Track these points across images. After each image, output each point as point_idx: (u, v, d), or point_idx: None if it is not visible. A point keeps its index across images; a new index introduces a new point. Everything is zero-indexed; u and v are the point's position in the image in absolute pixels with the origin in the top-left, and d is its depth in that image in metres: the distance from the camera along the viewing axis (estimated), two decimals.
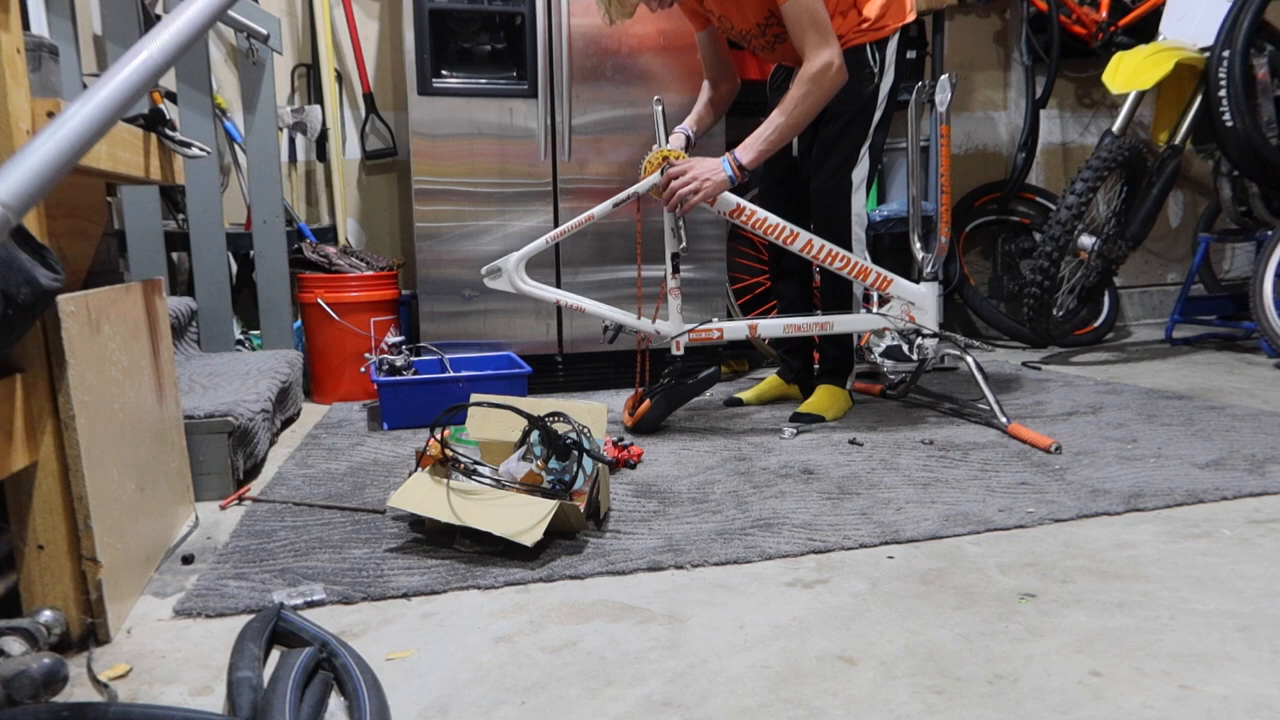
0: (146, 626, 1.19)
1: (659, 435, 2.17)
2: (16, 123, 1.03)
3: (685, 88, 2.68)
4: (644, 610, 1.21)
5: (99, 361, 1.17)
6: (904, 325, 2.25)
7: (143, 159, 1.38)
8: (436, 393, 2.32)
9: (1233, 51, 2.92)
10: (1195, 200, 4.22)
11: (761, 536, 1.46)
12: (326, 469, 1.91)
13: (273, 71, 2.65)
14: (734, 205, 2.15)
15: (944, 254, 2.31)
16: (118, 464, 1.21)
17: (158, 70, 0.90)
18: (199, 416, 1.72)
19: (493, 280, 2.17)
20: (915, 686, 1.00)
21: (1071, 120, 4.05)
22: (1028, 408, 2.37)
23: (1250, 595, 1.21)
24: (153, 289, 1.45)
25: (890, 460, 1.90)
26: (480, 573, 1.33)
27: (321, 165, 3.23)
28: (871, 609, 1.20)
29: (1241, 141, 2.96)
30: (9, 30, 1.03)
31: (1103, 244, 3.06)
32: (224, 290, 2.58)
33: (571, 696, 1.00)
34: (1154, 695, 0.97)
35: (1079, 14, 3.61)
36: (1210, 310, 3.62)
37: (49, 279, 0.96)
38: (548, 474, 1.51)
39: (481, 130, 2.59)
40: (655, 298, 2.77)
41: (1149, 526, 1.48)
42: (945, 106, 2.23)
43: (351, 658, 1.03)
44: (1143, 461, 1.84)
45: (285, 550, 1.43)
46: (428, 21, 2.52)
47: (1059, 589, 1.25)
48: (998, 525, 1.49)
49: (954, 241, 3.69)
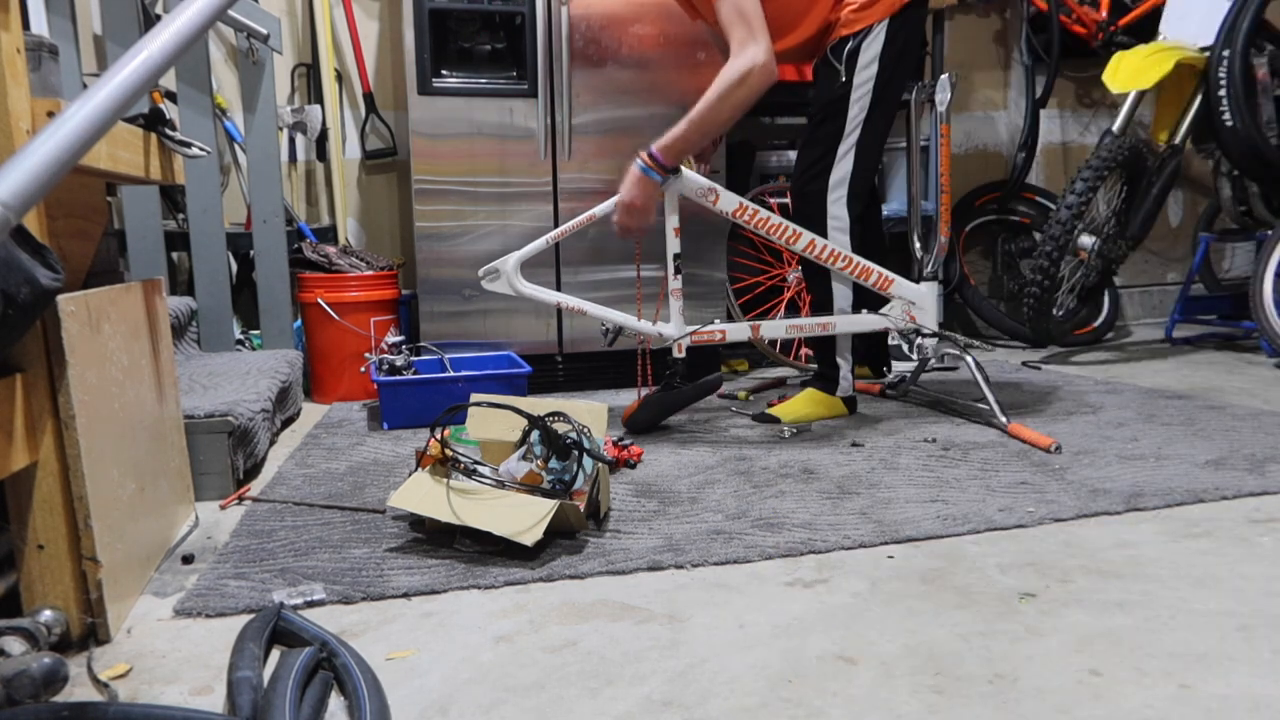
0: (146, 626, 1.19)
1: (659, 435, 2.17)
2: (16, 123, 1.03)
3: (686, 88, 2.68)
4: (644, 610, 1.21)
5: (99, 361, 1.17)
6: (904, 325, 2.25)
7: (143, 159, 1.38)
8: (436, 392, 2.32)
9: (1233, 51, 2.92)
10: (1195, 200, 4.22)
11: (761, 536, 1.46)
12: (326, 469, 1.91)
13: (273, 71, 2.65)
14: (735, 205, 2.15)
15: (944, 254, 2.31)
16: (118, 464, 1.21)
17: (158, 70, 0.90)
18: (199, 416, 1.72)
19: (490, 282, 2.16)
20: (915, 686, 1.00)
21: (1071, 120, 4.05)
22: (1028, 407, 2.37)
23: (1250, 595, 1.21)
24: (153, 289, 1.45)
25: (890, 460, 1.90)
26: (480, 572, 1.33)
27: (321, 165, 3.23)
28: (871, 608, 1.20)
29: (1241, 141, 2.96)
30: (9, 30, 1.03)
31: (1103, 244, 3.06)
32: (224, 290, 2.58)
33: (571, 696, 1.00)
34: (1154, 695, 0.97)
35: (1079, 14, 3.61)
36: (1210, 310, 3.62)
37: (49, 279, 0.96)
38: (548, 474, 1.51)
39: (481, 130, 2.59)
40: (655, 298, 2.77)
41: (1149, 526, 1.48)
42: (945, 106, 2.23)
43: (351, 657, 1.03)
44: (1143, 461, 1.84)
45: (285, 550, 1.43)
46: (428, 21, 2.52)
47: (1059, 588, 1.25)
48: (998, 525, 1.49)
49: (954, 241, 3.69)
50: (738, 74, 1.99)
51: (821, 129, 2.18)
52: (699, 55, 2.69)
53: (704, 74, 2.68)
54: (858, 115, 2.14)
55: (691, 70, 2.69)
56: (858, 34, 2.12)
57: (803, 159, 2.23)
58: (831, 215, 2.18)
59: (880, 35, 2.11)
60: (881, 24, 2.10)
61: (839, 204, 2.17)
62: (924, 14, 2.21)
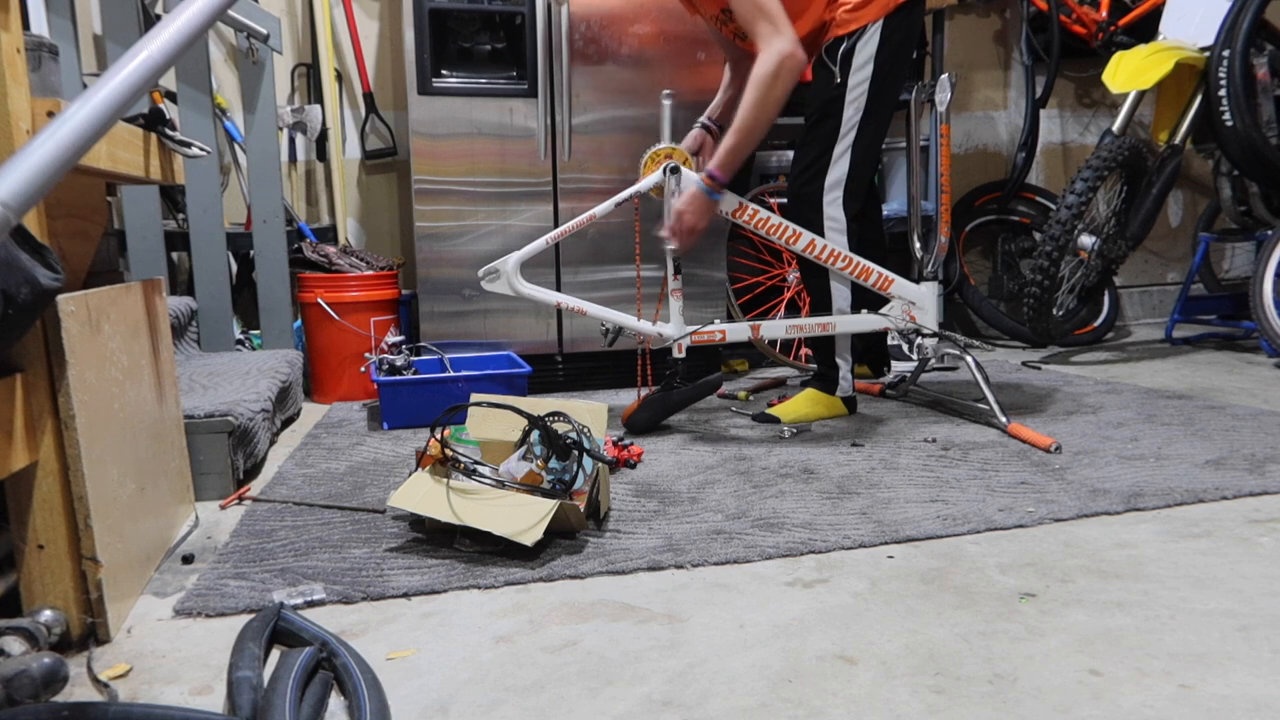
0: (146, 626, 1.19)
1: (659, 435, 2.17)
2: (16, 122, 1.03)
3: (686, 88, 2.68)
4: (644, 610, 1.21)
5: (99, 361, 1.17)
6: (904, 325, 2.25)
7: (143, 159, 1.38)
8: (436, 392, 2.32)
9: (1233, 51, 2.92)
10: (1195, 200, 4.22)
11: (761, 536, 1.46)
12: (326, 469, 1.91)
13: (273, 71, 2.65)
14: (735, 205, 2.15)
15: (944, 253, 2.31)
16: (118, 464, 1.21)
17: (158, 70, 0.90)
18: (199, 416, 1.72)
19: (490, 283, 2.15)
20: (915, 686, 1.00)
21: (1071, 120, 4.05)
22: (1028, 407, 2.37)
23: (1250, 595, 1.21)
24: (153, 289, 1.45)
25: (890, 460, 1.90)
26: (480, 572, 1.33)
27: (321, 165, 3.23)
28: (871, 608, 1.20)
29: (1241, 141, 2.96)
30: (9, 30, 1.03)
31: (1103, 243, 3.06)
32: (224, 290, 2.58)
33: (571, 696, 1.00)
34: (1154, 695, 0.97)
35: (1079, 13, 3.61)
36: (1210, 310, 3.62)
37: (49, 279, 0.96)
38: (548, 474, 1.51)
39: (481, 130, 2.60)
40: (655, 298, 2.77)
41: (1149, 526, 1.48)
42: (945, 106, 2.23)
43: (352, 657, 1.03)
44: (1143, 461, 1.84)
45: (285, 550, 1.43)
46: (428, 21, 2.52)
47: (1059, 588, 1.25)
48: (998, 525, 1.49)
49: (954, 241, 3.69)
50: (770, 71, 1.97)
51: (817, 130, 2.18)
52: (699, 55, 2.68)
53: (704, 73, 2.69)
54: (853, 116, 2.14)
55: (691, 69, 2.69)
56: (852, 34, 2.11)
57: (799, 160, 2.22)
58: (828, 216, 2.18)
59: (875, 36, 2.10)
60: (876, 24, 2.10)
61: (835, 205, 2.17)
62: (920, 14, 2.19)
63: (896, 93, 2.19)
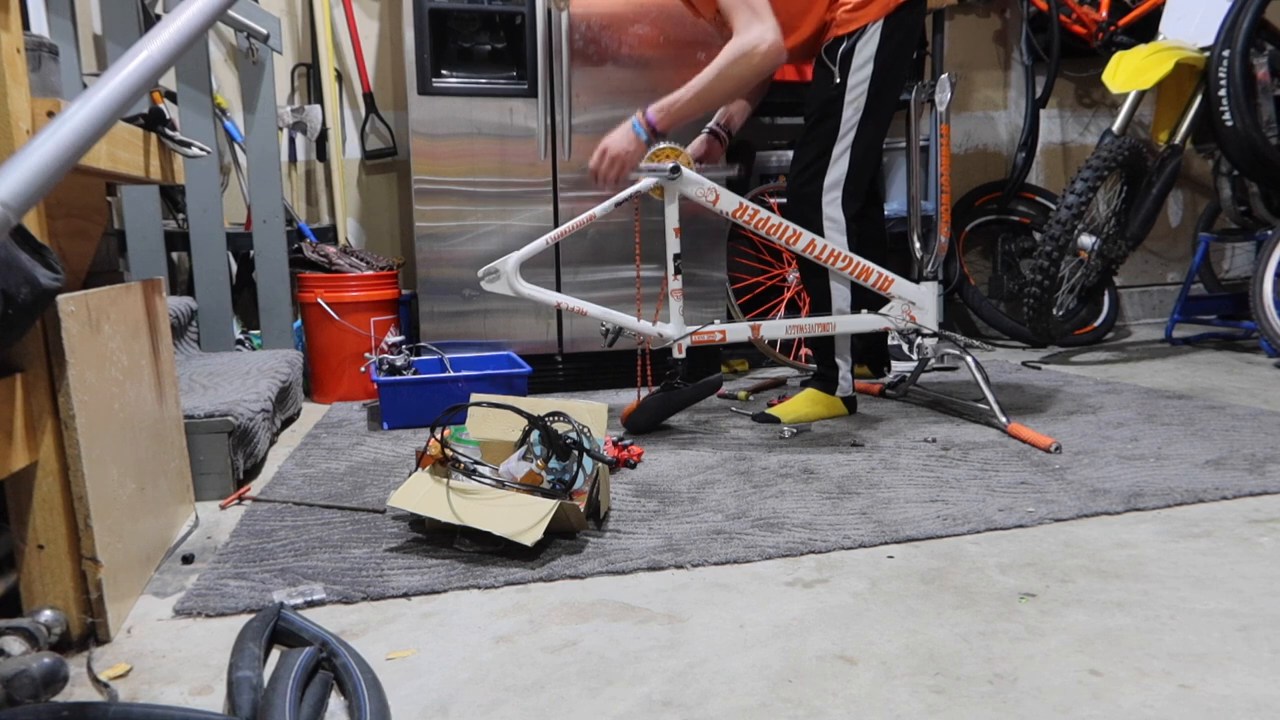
0: (146, 626, 1.19)
1: (659, 435, 2.17)
2: (16, 123, 1.03)
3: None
4: (644, 610, 1.21)
5: (99, 361, 1.17)
6: (904, 325, 2.25)
7: (143, 159, 1.38)
8: (436, 392, 2.32)
9: (1233, 51, 2.92)
10: (1195, 200, 4.22)
11: (761, 536, 1.46)
12: (326, 469, 1.91)
13: (273, 71, 2.65)
14: (735, 205, 2.15)
15: (944, 253, 2.31)
16: (118, 464, 1.21)
17: (158, 70, 0.90)
18: (199, 416, 1.72)
19: (490, 283, 2.15)
20: (915, 686, 1.00)
21: (1071, 120, 4.05)
22: (1028, 407, 2.37)
23: (1250, 595, 1.21)
24: (153, 289, 1.45)
25: (890, 460, 1.90)
26: (480, 572, 1.33)
27: (321, 165, 3.23)
28: (871, 608, 1.20)
29: (1241, 141, 2.96)
30: (9, 30, 1.03)
31: (1103, 243, 3.06)
32: (224, 290, 2.58)
33: (571, 696, 1.00)
34: (1154, 695, 0.97)
35: (1079, 13, 3.61)
36: (1210, 310, 3.62)
37: (49, 279, 0.96)
38: (548, 474, 1.51)
39: (481, 130, 2.60)
40: (655, 298, 2.77)
41: (1149, 526, 1.48)
42: (945, 106, 2.23)
43: (352, 657, 1.03)
44: (1143, 461, 1.84)
45: (285, 550, 1.43)
46: (428, 21, 2.52)
47: (1059, 588, 1.25)
48: (998, 525, 1.49)
49: (954, 241, 3.69)
50: (740, 49, 2.00)
51: (816, 130, 2.18)
52: (699, 55, 2.68)
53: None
54: (852, 116, 2.14)
55: (691, 70, 2.67)
56: (852, 34, 2.11)
57: (798, 160, 2.22)
58: (827, 216, 2.18)
59: (875, 36, 2.10)
60: (876, 24, 2.10)
61: (834, 205, 2.17)
62: (920, 14, 2.20)
63: (896, 93, 2.19)
